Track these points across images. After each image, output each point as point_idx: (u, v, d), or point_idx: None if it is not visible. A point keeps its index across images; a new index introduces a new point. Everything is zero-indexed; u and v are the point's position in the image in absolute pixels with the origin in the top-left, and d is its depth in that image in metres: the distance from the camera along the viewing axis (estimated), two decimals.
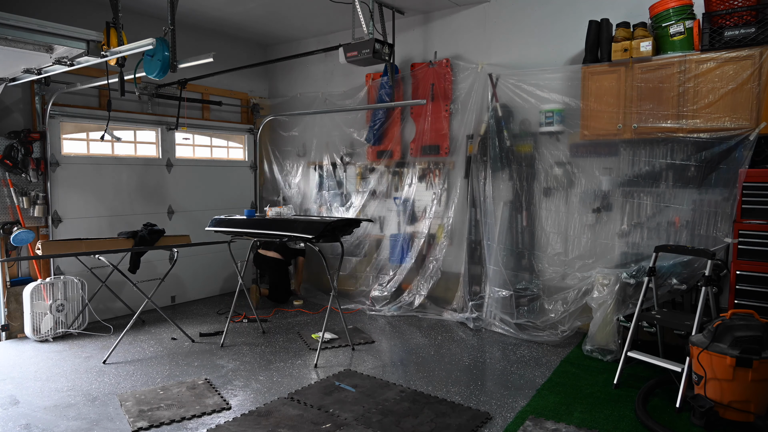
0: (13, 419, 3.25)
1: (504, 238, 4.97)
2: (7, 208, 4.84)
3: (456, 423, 3.17)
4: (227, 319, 5.00)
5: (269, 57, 7.04)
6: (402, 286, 5.81)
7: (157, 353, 4.48)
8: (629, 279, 4.10)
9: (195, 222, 6.15)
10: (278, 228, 4.35)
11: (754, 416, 2.96)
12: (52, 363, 4.23)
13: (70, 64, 3.56)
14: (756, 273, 3.63)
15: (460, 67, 5.41)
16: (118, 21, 3.41)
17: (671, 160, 4.16)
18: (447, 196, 5.59)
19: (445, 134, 5.51)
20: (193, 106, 6.39)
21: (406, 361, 4.29)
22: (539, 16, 4.97)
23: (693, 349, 3.16)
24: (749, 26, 3.69)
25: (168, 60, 3.45)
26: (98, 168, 5.48)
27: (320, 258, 4.38)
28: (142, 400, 3.50)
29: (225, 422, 3.19)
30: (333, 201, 6.48)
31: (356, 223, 4.63)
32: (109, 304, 5.41)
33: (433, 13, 5.68)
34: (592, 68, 4.34)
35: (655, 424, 3.06)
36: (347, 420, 3.20)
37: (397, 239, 5.86)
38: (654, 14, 4.10)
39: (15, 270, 4.96)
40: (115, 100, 5.01)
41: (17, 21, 2.94)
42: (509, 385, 3.74)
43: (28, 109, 4.98)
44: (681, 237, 4.16)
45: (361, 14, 4.64)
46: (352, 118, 6.34)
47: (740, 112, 3.75)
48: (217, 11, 5.69)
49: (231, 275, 6.62)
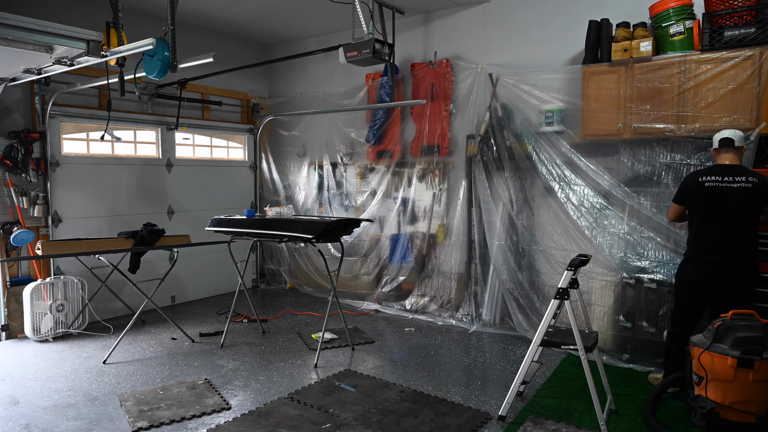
0: (13, 419, 3.25)
1: (504, 238, 4.97)
2: (7, 208, 4.84)
3: (456, 423, 3.16)
4: (227, 319, 5.00)
5: (269, 57, 7.04)
6: (402, 286, 5.80)
7: (157, 353, 4.47)
8: (630, 279, 4.10)
9: (195, 222, 6.15)
10: (278, 228, 4.35)
11: (755, 417, 2.96)
12: (52, 363, 4.23)
13: (70, 64, 3.56)
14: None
15: (460, 67, 5.41)
16: (118, 21, 3.41)
17: (671, 160, 4.16)
18: (447, 196, 5.59)
19: (445, 134, 5.51)
20: (193, 106, 6.39)
21: (406, 361, 4.29)
22: (539, 16, 4.96)
23: (694, 349, 3.15)
24: (749, 26, 3.69)
25: (168, 60, 3.45)
26: (98, 168, 5.48)
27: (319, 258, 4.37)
28: (142, 400, 3.50)
29: (225, 422, 3.19)
30: (333, 201, 6.48)
31: (356, 223, 4.63)
32: (109, 304, 5.41)
33: (433, 13, 5.68)
34: (592, 68, 4.34)
35: (657, 425, 3.06)
36: (347, 420, 3.20)
37: (397, 239, 5.86)
38: (654, 14, 4.10)
39: (15, 270, 4.96)
40: (115, 100, 5.01)
41: (17, 21, 2.94)
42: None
43: (28, 109, 4.98)
44: (681, 237, 4.15)
45: (361, 14, 4.64)
46: (352, 118, 6.34)
47: (740, 112, 3.75)
48: (218, 11, 5.69)
49: (231, 275, 6.61)
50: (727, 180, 3.32)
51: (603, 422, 2.98)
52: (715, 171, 3.40)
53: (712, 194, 3.36)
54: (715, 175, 3.38)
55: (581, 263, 3.17)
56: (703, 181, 3.40)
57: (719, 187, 3.34)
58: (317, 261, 6.47)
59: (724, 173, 3.35)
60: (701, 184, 3.40)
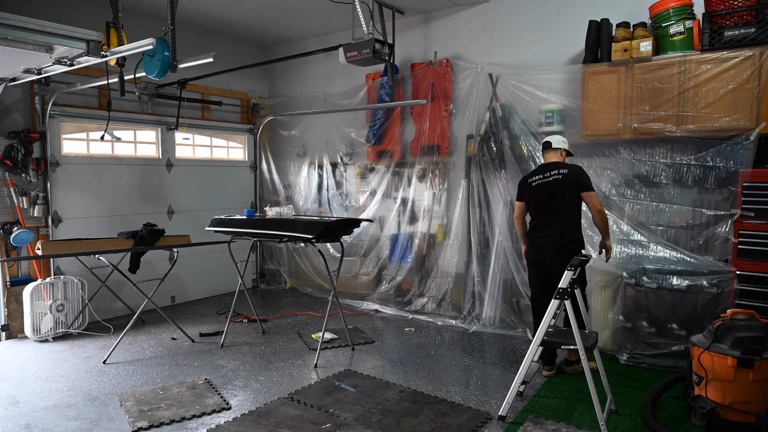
0: (13, 419, 3.25)
1: (504, 238, 4.97)
2: (7, 208, 4.84)
3: (456, 423, 3.16)
4: (227, 319, 5.00)
5: (269, 57, 7.04)
6: (402, 286, 5.80)
7: (157, 353, 4.47)
8: (630, 279, 4.10)
9: (195, 222, 6.15)
10: (278, 228, 4.35)
11: (755, 417, 2.96)
12: (52, 363, 4.23)
13: (70, 64, 3.56)
14: (756, 273, 3.63)
15: (460, 67, 5.41)
16: (118, 21, 3.41)
17: (671, 160, 4.16)
18: (447, 196, 5.59)
19: (445, 134, 5.51)
20: (193, 106, 6.39)
21: (406, 361, 4.29)
22: (539, 16, 4.96)
23: (694, 349, 3.15)
24: (749, 26, 3.69)
25: (168, 60, 3.44)
26: (98, 168, 5.48)
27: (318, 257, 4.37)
28: (142, 400, 3.50)
29: (225, 422, 3.19)
30: (333, 201, 6.48)
31: (356, 223, 4.63)
32: (109, 304, 5.41)
33: (433, 13, 5.68)
34: (592, 68, 4.34)
35: (657, 425, 3.05)
36: (347, 420, 3.20)
37: (397, 239, 5.86)
38: (654, 14, 4.10)
39: (15, 270, 4.96)
40: (115, 100, 5.01)
41: (17, 21, 2.94)
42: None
43: (28, 109, 4.98)
44: (681, 237, 4.16)
45: (361, 14, 4.64)
46: (352, 118, 6.34)
47: (740, 112, 3.75)
48: (218, 11, 5.69)
49: (231, 275, 6.60)
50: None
51: (603, 422, 2.98)
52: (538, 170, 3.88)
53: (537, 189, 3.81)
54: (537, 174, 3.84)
55: (581, 263, 3.17)
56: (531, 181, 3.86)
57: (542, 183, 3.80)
58: (317, 261, 6.47)
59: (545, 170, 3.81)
60: (530, 184, 3.87)
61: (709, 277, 3.81)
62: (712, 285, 3.78)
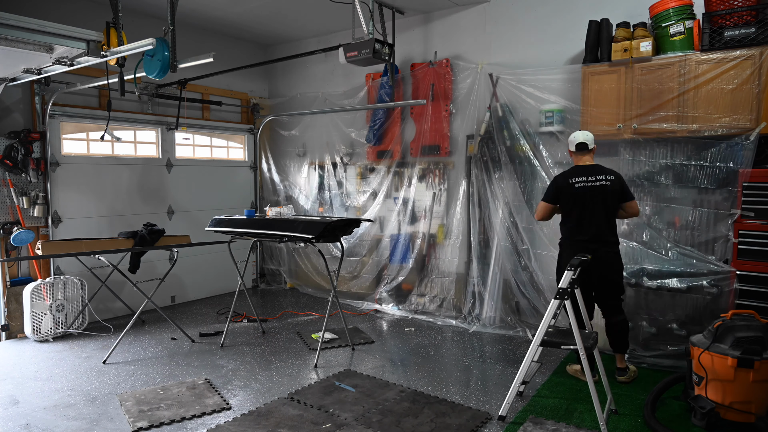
0: (13, 419, 3.25)
1: (504, 238, 4.97)
2: (7, 208, 4.84)
3: (456, 423, 3.16)
4: (227, 319, 5.00)
5: (269, 57, 7.04)
6: (402, 286, 5.80)
7: (157, 353, 4.47)
8: (630, 279, 4.10)
9: (195, 222, 6.15)
10: (278, 228, 4.35)
11: (755, 417, 2.96)
12: (52, 363, 4.23)
13: (70, 64, 3.56)
14: (756, 273, 3.63)
15: (460, 67, 5.41)
16: (118, 21, 3.41)
17: (671, 160, 4.16)
18: (447, 196, 5.59)
19: (445, 134, 5.51)
20: (193, 106, 6.39)
21: (406, 361, 4.29)
22: (539, 16, 4.96)
23: (694, 349, 3.15)
24: (749, 26, 3.69)
25: (168, 60, 3.44)
26: (98, 168, 5.48)
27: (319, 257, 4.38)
28: (142, 400, 3.50)
29: (225, 422, 3.19)
30: (333, 201, 6.47)
31: (356, 223, 4.63)
32: (109, 304, 5.41)
33: (433, 13, 5.68)
34: (592, 68, 4.34)
35: (657, 425, 3.05)
36: (347, 420, 3.20)
37: (398, 239, 5.86)
38: (654, 14, 4.10)
39: (15, 270, 4.96)
40: (115, 100, 5.01)
41: (17, 21, 2.94)
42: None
43: (28, 109, 4.98)
44: (681, 237, 4.16)
45: (361, 14, 4.64)
46: (352, 118, 6.34)
47: (740, 112, 3.75)
48: (218, 11, 5.69)
49: (231, 275, 6.61)
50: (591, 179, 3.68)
51: (603, 422, 2.98)
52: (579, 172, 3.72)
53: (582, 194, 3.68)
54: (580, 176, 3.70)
55: (581, 264, 3.17)
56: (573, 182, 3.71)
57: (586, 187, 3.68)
58: (317, 261, 6.47)
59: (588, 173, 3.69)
60: (571, 185, 3.71)
61: (709, 277, 3.82)
62: (712, 285, 3.78)
